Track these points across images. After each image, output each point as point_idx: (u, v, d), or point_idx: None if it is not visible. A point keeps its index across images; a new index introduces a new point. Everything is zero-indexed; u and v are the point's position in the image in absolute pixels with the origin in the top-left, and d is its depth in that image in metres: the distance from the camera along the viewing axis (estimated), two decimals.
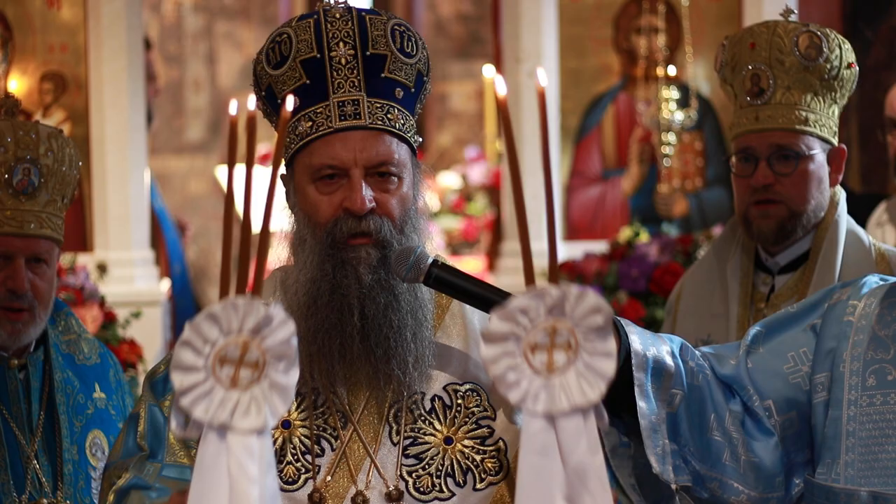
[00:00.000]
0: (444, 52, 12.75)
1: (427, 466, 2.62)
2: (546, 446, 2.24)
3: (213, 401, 2.19)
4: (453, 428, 2.66)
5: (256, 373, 2.20)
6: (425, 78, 2.72)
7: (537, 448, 2.24)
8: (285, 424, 2.64)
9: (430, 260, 2.61)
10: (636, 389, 2.59)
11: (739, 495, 2.66)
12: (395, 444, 2.63)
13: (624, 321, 2.64)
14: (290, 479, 2.62)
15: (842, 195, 3.62)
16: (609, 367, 2.23)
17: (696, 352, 2.72)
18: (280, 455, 2.62)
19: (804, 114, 3.52)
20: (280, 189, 2.67)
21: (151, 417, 2.69)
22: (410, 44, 2.67)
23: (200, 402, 2.19)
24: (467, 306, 2.73)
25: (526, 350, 2.25)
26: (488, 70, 9.20)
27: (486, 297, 2.55)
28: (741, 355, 2.73)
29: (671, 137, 6.37)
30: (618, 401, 2.61)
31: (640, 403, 2.59)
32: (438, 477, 2.61)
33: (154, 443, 2.67)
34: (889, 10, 6.91)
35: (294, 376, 2.22)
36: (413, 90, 2.68)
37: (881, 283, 2.73)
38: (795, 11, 3.63)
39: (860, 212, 3.71)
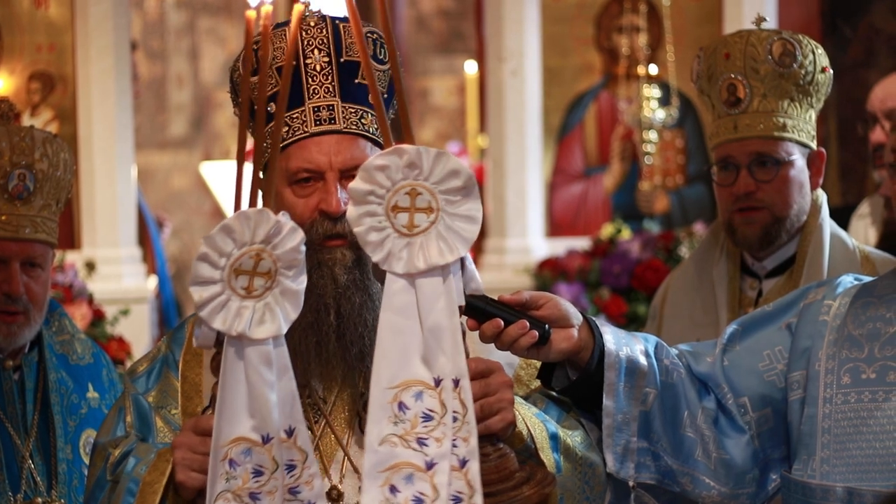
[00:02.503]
0: (426, 48, 12.76)
1: None
2: (405, 306, 2.33)
3: (230, 312, 2.32)
4: None
5: (269, 281, 2.33)
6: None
7: (397, 307, 2.33)
8: None
9: None
10: (605, 388, 2.63)
11: (710, 490, 2.71)
12: (365, 434, 2.67)
13: (599, 321, 2.69)
14: None
15: (824, 198, 3.64)
16: (470, 229, 2.33)
17: (672, 350, 2.77)
18: None
19: (782, 120, 3.54)
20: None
21: (137, 406, 2.72)
22: (383, 51, 2.71)
23: (218, 314, 2.32)
24: None
25: (388, 211, 2.32)
26: (470, 66, 9.22)
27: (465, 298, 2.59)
28: (717, 353, 2.79)
29: (652, 135, 6.41)
30: (593, 399, 2.67)
31: (607, 402, 2.64)
32: None
33: (143, 429, 2.70)
34: (867, 8, 6.95)
35: (303, 283, 2.33)
36: (386, 96, 2.71)
37: (855, 282, 2.80)
38: (767, 19, 3.66)
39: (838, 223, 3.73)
